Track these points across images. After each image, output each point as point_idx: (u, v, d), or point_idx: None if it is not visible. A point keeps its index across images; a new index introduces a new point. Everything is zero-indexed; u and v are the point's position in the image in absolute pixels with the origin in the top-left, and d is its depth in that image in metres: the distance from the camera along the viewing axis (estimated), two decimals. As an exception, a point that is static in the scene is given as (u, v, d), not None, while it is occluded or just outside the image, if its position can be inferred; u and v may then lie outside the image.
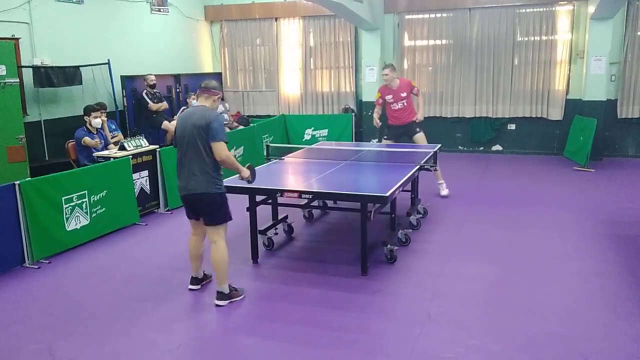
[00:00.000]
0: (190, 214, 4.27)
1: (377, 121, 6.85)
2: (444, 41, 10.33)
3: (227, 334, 3.76)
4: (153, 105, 8.81)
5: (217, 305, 4.10)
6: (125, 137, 7.62)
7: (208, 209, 4.10)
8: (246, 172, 4.31)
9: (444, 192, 7.12)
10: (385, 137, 7.19)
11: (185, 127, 4.01)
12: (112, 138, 7.29)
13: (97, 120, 6.84)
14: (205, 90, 4.15)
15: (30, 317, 4.08)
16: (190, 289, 4.40)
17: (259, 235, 5.13)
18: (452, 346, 3.49)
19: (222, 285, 4.14)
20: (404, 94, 6.82)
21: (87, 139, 6.73)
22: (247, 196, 4.94)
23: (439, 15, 10.28)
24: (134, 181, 6.38)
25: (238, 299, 4.20)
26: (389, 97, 6.87)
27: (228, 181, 4.98)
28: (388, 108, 6.98)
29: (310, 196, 4.80)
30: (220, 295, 4.14)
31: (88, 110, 6.86)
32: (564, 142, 9.81)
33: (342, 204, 5.45)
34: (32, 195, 5.06)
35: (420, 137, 6.92)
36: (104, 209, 5.87)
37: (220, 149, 3.96)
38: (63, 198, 5.38)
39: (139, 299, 4.31)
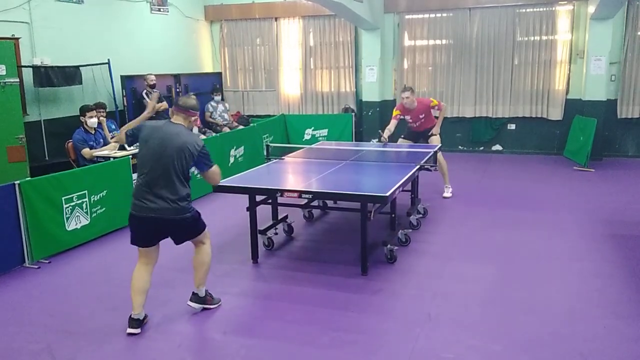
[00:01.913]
0: (146, 240, 3.78)
1: (385, 137, 6.74)
2: (444, 41, 10.33)
3: (227, 334, 3.76)
4: (153, 105, 8.79)
5: (190, 307, 4.00)
6: (125, 137, 7.59)
7: (187, 231, 3.85)
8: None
9: (447, 194, 7.13)
10: (403, 136, 7.22)
11: (165, 146, 3.62)
12: (111, 138, 7.28)
13: (93, 120, 6.82)
14: (184, 110, 3.77)
15: (30, 317, 4.08)
16: (130, 334, 3.71)
17: (259, 235, 5.13)
18: (452, 346, 3.49)
19: (200, 287, 4.01)
20: (422, 116, 6.86)
21: (85, 151, 6.70)
22: (247, 196, 4.94)
23: (439, 15, 10.27)
24: (134, 181, 6.37)
25: (212, 306, 4.06)
26: (407, 117, 6.93)
27: (228, 181, 5.00)
28: (407, 122, 7.06)
29: (310, 196, 4.80)
30: (196, 298, 4.01)
31: (83, 111, 6.85)
32: (564, 142, 9.80)
33: (342, 204, 5.45)
34: (32, 195, 5.05)
35: (435, 139, 6.96)
36: (104, 208, 5.86)
37: (218, 174, 3.88)
38: (63, 198, 5.38)
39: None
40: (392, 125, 6.87)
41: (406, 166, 5.50)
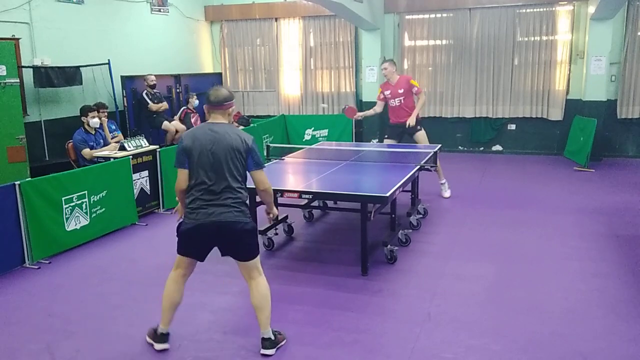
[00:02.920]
0: (200, 251, 3.44)
1: (360, 115, 7.04)
2: (444, 41, 10.34)
3: (226, 334, 3.76)
4: (153, 106, 8.81)
5: (266, 355, 3.42)
6: (125, 137, 7.62)
7: (246, 242, 3.40)
8: (276, 211, 3.77)
9: (446, 193, 7.11)
10: (386, 136, 7.15)
11: (216, 148, 3.28)
12: (112, 138, 7.28)
13: (94, 120, 6.82)
14: (218, 105, 3.35)
15: (30, 317, 4.08)
16: (159, 350, 3.51)
17: (259, 236, 5.11)
18: (452, 346, 3.49)
19: (267, 328, 3.45)
20: (401, 91, 6.73)
21: (86, 151, 6.70)
22: (247, 196, 4.93)
23: (439, 15, 10.28)
24: (134, 181, 6.39)
25: (282, 343, 3.54)
26: (387, 93, 6.84)
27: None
28: (388, 105, 6.95)
29: (311, 196, 4.80)
30: (269, 343, 3.44)
31: (84, 111, 6.84)
32: (564, 142, 9.81)
33: (342, 204, 5.45)
34: (32, 196, 5.06)
35: (420, 135, 6.82)
36: (103, 209, 5.87)
37: (265, 178, 3.43)
38: (63, 198, 5.38)
39: (138, 299, 4.31)
40: (377, 106, 7.00)
41: (406, 166, 5.50)
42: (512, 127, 10.29)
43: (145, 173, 6.65)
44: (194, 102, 9.30)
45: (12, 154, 6.66)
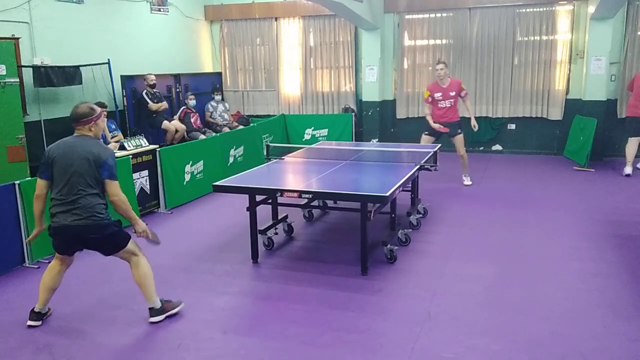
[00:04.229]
0: (66, 248, 3.85)
1: (436, 125, 7.07)
2: (444, 41, 10.33)
3: (226, 333, 3.76)
4: (153, 105, 8.81)
5: (153, 322, 3.86)
6: (125, 136, 7.61)
7: (107, 240, 3.75)
8: (142, 225, 3.86)
9: (468, 182, 7.42)
10: (426, 132, 7.25)
11: (73, 158, 3.63)
12: (111, 138, 7.28)
13: None
14: (76, 122, 3.73)
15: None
16: (30, 326, 3.84)
17: (259, 235, 5.13)
18: (452, 346, 3.49)
19: (152, 300, 3.88)
20: (452, 93, 7.00)
21: None
22: (247, 196, 4.94)
23: (439, 15, 10.28)
24: (134, 181, 6.38)
25: (174, 310, 3.96)
26: (437, 95, 7.01)
27: (227, 181, 5.00)
28: (434, 105, 7.11)
29: (310, 196, 4.80)
30: (154, 311, 3.89)
31: None
32: (564, 142, 9.81)
33: (342, 203, 5.45)
34: (32, 195, 5.02)
35: (460, 138, 7.11)
36: (103, 208, 5.85)
37: (116, 188, 3.69)
38: (63, 198, 5.37)
39: (139, 299, 4.30)
40: (427, 109, 7.22)
41: (406, 166, 5.50)
42: (512, 126, 10.29)
43: (145, 173, 6.64)
44: (189, 102, 9.35)
45: (11, 154, 6.65)
